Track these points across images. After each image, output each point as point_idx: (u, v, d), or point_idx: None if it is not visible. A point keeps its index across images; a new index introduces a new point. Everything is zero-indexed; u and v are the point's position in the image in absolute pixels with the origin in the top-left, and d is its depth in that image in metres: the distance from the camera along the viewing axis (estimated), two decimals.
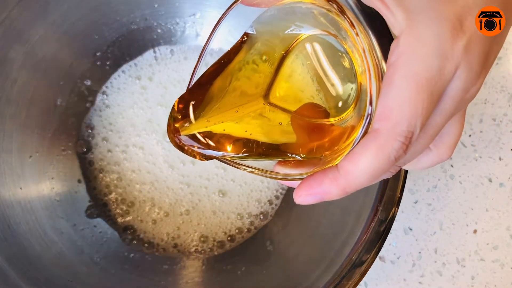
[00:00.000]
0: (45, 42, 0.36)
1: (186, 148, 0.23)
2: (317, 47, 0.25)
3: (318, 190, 0.22)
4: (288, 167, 0.25)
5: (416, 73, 0.20)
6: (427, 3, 0.20)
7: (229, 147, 0.24)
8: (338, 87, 0.25)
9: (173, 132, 0.23)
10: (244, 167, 0.24)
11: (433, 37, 0.20)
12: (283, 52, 0.25)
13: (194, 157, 0.23)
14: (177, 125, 0.23)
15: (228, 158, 0.24)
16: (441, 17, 0.20)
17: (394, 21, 0.21)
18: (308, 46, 0.25)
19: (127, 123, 0.41)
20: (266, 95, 0.25)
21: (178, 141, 0.23)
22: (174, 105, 0.23)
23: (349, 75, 0.25)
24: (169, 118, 0.23)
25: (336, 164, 0.22)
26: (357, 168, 0.21)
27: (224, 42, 0.25)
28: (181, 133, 0.23)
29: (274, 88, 0.25)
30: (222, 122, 0.24)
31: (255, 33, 0.25)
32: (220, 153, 0.23)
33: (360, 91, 0.24)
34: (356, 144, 0.22)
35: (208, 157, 0.24)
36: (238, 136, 0.24)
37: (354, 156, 0.21)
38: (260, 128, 0.25)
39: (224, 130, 0.24)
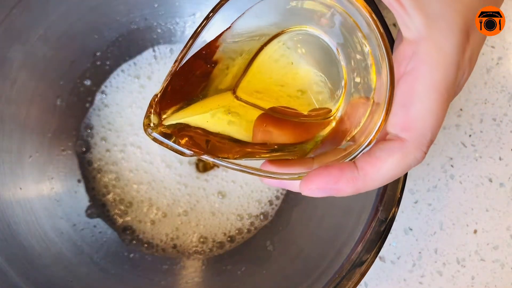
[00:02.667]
0: (45, 42, 0.36)
1: (162, 142, 0.23)
2: (298, 41, 0.25)
3: (332, 186, 0.22)
4: (277, 165, 0.24)
5: (438, 83, 0.20)
6: (441, 8, 0.21)
7: (205, 144, 0.23)
8: (320, 83, 0.25)
9: (146, 128, 0.23)
10: (228, 165, 0.23)
11: (452, 48, 0.20)
12: (262, 45, 0.25)
13: (175, 151, 0.23)
14: (151, 121, 0.23)
15: (205, 156, 0.23)
16: (456, 26, 0.21)
17: (411, 24, 0.21)
18: (287, 40, 0.25)
19: (125, 122, 0.41)
20: (235, 89, 0.25)
21: (151, 135, 0.23)
22: (151, 101, 0.23)
23: (333, 71, 0.24)
24: (145, 113, 0.23)
25: (355, 164, 0.22)
26: (378, 173, 0.21)
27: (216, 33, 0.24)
28: (155, 129, 0.23)
29: (243, 82, 0.25)
30: (194, 116, 0.23)
31: (238, 26, 0.24)
32: (192, 151, 0.23)
33: (346, 87, 0.24)
34: (367, 146, 0.22)
35: (185, 154, 0.23)
36: (213, 132, 0.24)
37: (377, 160, 0.21)
38: (233, 124, 0.24)
39: (197, 125, 0.23)
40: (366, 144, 0.22)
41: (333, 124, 0.24)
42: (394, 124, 0.22)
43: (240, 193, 0.41)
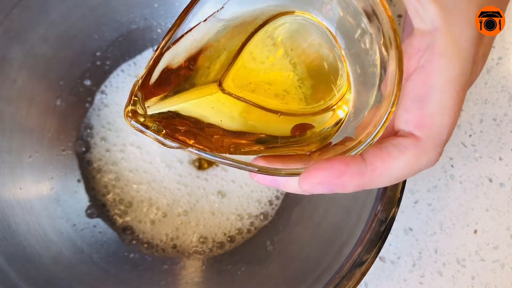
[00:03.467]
0: (45, 42, 0.36)
1: (143, 132, 0.21)
2: (292, 28, 0.23)
3: (335, 181, 0.20)
4: (270, 161, 0.22)
5: (454, 79, 0.19)
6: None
7: (193, 136, 0.21)
8: (316, 75, 0.23)
9: (126, 115, 0.21)
10: (217, 158, 0.21)
11: (468, 41, 0.19)
12: (252, 31, 0.23)
13: (158, 142, 0.21)
14: (133, 108, 0.21)
15: (192, 148, 0.21)
16: (471, 19, 0.20)
17: (425, 15, 0.19)
18: (281, 27, 0.23)
19: (125, 122, 0.41)
20: (221, 80, 0.23)
21: (131, 124, 0.21)
22: (132, 88, 0.21)
23: (332, 62, 0.23)
24: (127, 100, 0.21)
25: (362, 157, 0.20)
26: (388, 170, 0.20)
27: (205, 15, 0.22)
28: (137, 117, 0.21)
29: (229, 74, 0.23)
30: (179, 104, 0.21)
31: (229, 10, 0.22)
32: (177, 144, 0.21)
33: (348, 78, 0.22)
34: (372, 141, 0.20)
35: (168, 145, 0.21)
36: (200, 123, 0.22)
37: (388, 156, 0.20)
38: (222, 115, 0.22)
39: (183, 116, 0.21)
40: (371, 137, 0.20)
41: (336, 116, 0.23)
42: (407, 120, 0.20)
43: (240, 193, 0.41)
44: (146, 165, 0.41)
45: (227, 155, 0.21)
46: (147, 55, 0.42)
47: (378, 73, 0.21)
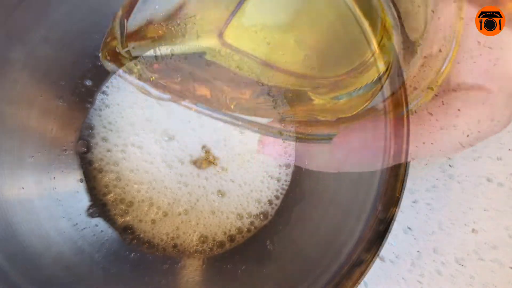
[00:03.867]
0: (46, 42, 0.36)
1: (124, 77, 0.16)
2: None
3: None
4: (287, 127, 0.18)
5: None
6: None
7: (183, 89, 0.17)
8: (349, 26, 0.18)
9: (104, 56, 0.16)
10: (219, 116, 0.17)
11: None
12: None
13: (144, 93, 0.17)
14: (113, 45, 0.16)
15: (188, 102, 0.17)
16: None
17: None
18: None
19: (126, 122, 0.41)
20: (222, 32, 0.18)
21: (110, 67, 0.16)
22: (113, 23, 0.16)
23: (371, 12, 0.18)
24: (106, 35, 0.16)
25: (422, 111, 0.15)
26: (455, 128, 0.16)
27: None
28: (118, 60, 0.16)
29: (230, 26, 0.18)
30: (170, 47, 0.17)
31: None
32: (169, 95, 0.17)
33: (387, 22, 0.17)
34: (433, 89, 0.16)
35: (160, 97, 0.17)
36: (197, 76, 0.18)
37: (455, 110, 0.16)
38: (220, 70, 0.18)
39: (175, 64, 0.17)
40: (429, 88, 0.16)
41: (375, 72, 0.18)
42: (473, 70, 0.16)
43: (239, 192, 0.41)
44: (147, 165, 0.41)
45: (230, 113, 0.18)
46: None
47: (429, 14, 0.16)
